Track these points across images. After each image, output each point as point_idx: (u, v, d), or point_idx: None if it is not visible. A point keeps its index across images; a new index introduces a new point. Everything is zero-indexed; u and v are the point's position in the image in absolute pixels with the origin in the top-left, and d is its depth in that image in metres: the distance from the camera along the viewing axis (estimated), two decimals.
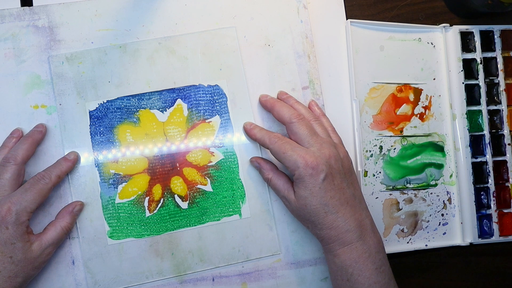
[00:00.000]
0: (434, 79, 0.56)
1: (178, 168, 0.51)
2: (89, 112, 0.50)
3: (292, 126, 0.47)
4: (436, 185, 0.56)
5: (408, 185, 0.55)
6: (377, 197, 0.54)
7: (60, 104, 0.50)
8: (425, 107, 0.56)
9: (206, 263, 0.51)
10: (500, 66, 0.57)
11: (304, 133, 0.47)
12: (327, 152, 0.45)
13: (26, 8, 0.50)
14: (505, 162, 0.57)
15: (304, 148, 0.46)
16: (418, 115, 0.56)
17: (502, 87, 0.57)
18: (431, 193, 0.56)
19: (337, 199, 0.45)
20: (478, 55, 0.57)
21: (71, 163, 0.49)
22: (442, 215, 0.56)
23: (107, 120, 0.50)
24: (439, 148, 0.56)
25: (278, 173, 0.49)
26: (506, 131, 0.57)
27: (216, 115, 0.52)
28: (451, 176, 0.56)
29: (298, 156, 0.45)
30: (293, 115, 0.48)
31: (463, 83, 0.56)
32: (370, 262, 0.44)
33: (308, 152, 0.45)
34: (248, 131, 0.51)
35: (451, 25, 0.57)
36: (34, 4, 0.51)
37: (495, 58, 0.57)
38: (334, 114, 0.53)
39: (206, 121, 0.52)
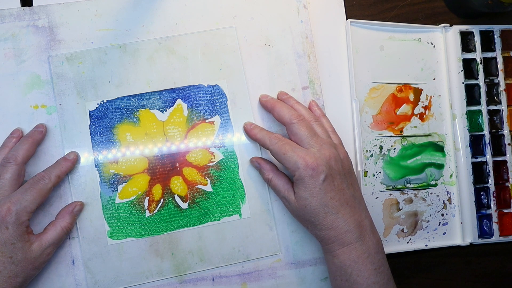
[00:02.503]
0: (434, 79, 0.56)
1: (178, 168, 0.51)
2: (89, 112, 0.50)
3: (292, 127, 0.47)
4: (436, 185, 0.56)
5: (408, 185, 0.55)
6: (377, 197, 0.54)
7: (60, 104, 0.50)
8: (425, 107, 0.56)
9: (206, 263, 0.51)
10: (500, 66, 0.57)
11: (304, 134, 0.47)
12: (327, 153, 0.45)
13: (26, 8, 0.50)
14: (505, 162, 0.57)
15: (304, 149, 0.46)
16: (418, 115, 0.56)
17: (502, 87, 0.57)
18: (431, 193, 0.56)
19: (337, 200, 0.45)
20: (478, 55, 0.57)
21: (71, 163, 0.49)
22: (442, 215, 0.56)
23: (107, 120, 0.50)
24: (439, 148, 0.56)
25: (278, 173, 0.49)
26: (506, 131, 0.57)
27: (216, 115, 0.52)
28: (451, 176, 0.56)
29: (298, 157, 0.45)
30: (293, 116, 0.48)
31: (463, 83, 0.56)
32: (369, 263, 0.44)
33: (308, 153, 0.45)
34: (248, 131, 0.51)
35: (451, 25, 0.57)
36: (34, 4, 0.51)
37: (495, 58, 0.57)
38: (334, 114, 0.54)
39: (206, 121, 0.52)
